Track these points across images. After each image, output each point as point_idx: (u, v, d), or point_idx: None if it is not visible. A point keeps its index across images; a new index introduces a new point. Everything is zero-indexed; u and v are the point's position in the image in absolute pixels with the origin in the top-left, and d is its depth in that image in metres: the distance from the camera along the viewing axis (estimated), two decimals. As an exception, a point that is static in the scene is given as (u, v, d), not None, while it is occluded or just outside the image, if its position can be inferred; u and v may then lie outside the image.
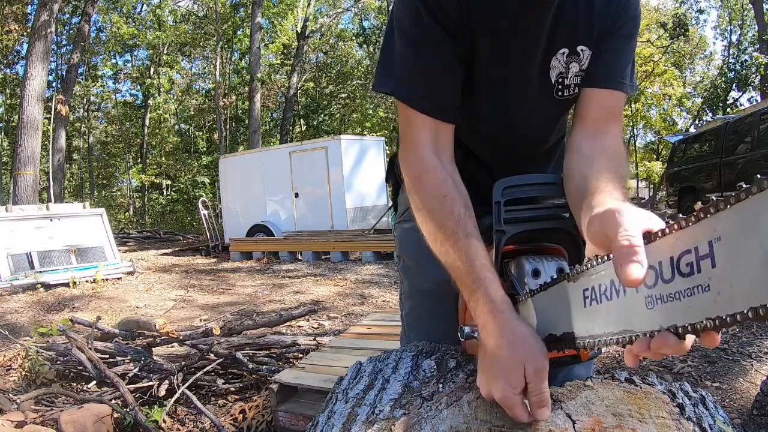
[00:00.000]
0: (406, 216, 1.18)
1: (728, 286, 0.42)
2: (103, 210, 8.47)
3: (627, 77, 0.94)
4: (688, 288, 0.46)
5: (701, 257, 0.45)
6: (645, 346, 0.51)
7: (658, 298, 0.50)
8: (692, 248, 0.46)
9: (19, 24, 16.46)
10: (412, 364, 0.91)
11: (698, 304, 0.45)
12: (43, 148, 14.81)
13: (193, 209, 19.30)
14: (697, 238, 0.46)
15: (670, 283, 0.48)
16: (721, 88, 18.21)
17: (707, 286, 0.44)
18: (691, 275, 0.46)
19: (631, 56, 0.95)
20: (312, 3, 20.13)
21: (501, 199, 0.81)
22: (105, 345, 2.85)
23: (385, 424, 0.71)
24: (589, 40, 0.93)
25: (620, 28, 0.92)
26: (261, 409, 2.28)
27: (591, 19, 0.91)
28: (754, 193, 0.40)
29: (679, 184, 8.67)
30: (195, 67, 27.00)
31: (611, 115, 0.94)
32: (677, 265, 0.48)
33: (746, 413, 1.97)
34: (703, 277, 0.45)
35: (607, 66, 0.93)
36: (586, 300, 0.60)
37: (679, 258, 0.47)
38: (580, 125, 0.94)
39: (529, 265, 0.77)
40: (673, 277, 0.48)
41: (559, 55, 0.93)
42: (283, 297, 5.60)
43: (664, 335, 0.49)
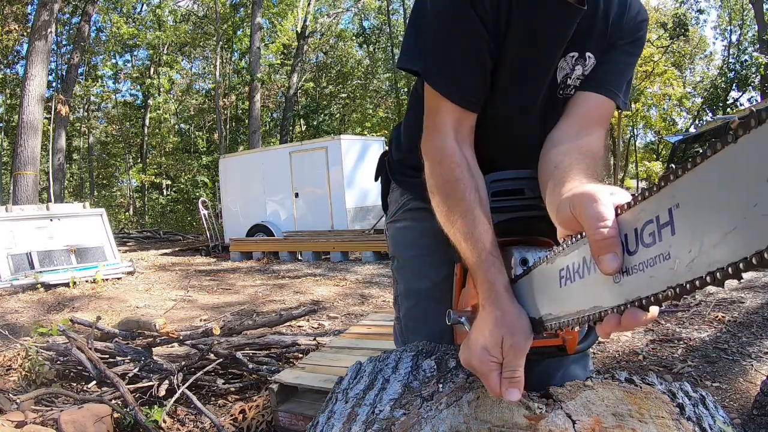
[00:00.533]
0: (398, 216, 1.18)
1: (687, 251, 0.42)
2: (103, 210, 8.47)
3: (622, 91, 0.96)
4: (650, 258, 0.46)
5: (662, 225, 0.45)
6: (615, 323, 0.51)
7: (624, 272, 0.49)
8: (654, 218, 0.46)
9: (19, 24, 16.47)
10: (412, 364, 0.91)
11: (660, 274, 0.45)
12: (43, 148, 14.81)
13: (193, 209, 19.30)
14: (658, 206, 0.45)
15: (634, 255, 0.48)
16: (721, 88, 18.22)
17: (668, 254, 0.44)
18: (653, 245, 0.46)
19: (629, 74, 0.97)
20: (312, 3, 20.13)
21: (488, 190, 0.86)
22: (105, 345, 2.85)
23: (385, 424, 0.71)
24: (597, 49, 0.95)
25: (626, 44, 0.95)
26: (261, 409, 2.28)
27: (605, 30, 0.94)
28: (709, 156, 0.40)
29: (679, 184, 8.67)
30: (195, 67, 27.03)
31: (598, 120, 0.95)
32: (641, 235, 0.48)
33: (746, 413, 1.97)
34: (665, 246, 0.44)
35: (606, 75, 0.95)
36: (561, 280, 0.60)
37: (642, 228, 0.47)
38: (564, 122, 0.95)
39: (517, 254, 0.78)
40: (637, 248, 0.48)
41: (569, 57, 0.95)
42: (283, 297, 5.61)
43: (633, 311, 0.49)
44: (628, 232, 0.49)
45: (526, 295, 0.71)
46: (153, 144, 24.68)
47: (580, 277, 0.56)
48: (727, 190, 0.38)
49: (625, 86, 0.97)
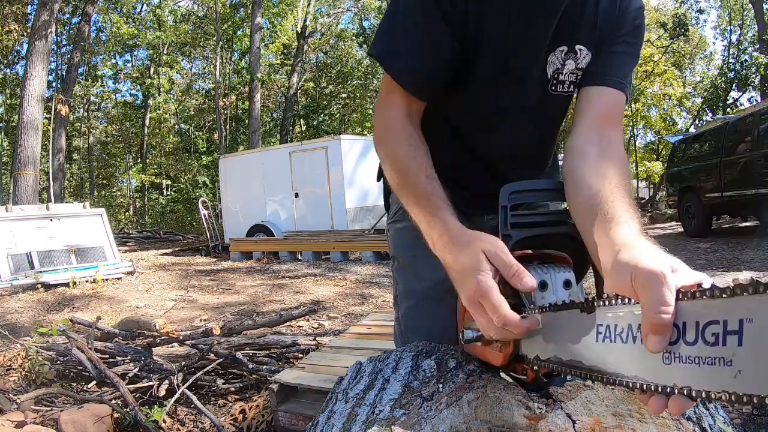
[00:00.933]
0: (398, 216, 1.19)
1: (752, 367, 0.42)
2: (103, 210, 8.47)
3: (628, 83, 0.95)
4: (709, 357, 0.46)
5: (729, 332, 0.45)
6: (662, 404, 0.51)
7: (676, 357, 0.50)
8: (721, 320, 0.46)
9: (19, 24, 16.46)
10: (412, 364, 0.91)
11: (718, 376, 0.45)
12: (43, 148, 14.81)
13: (193, 209, 19.30)
14: (728, 312, 0.45)
15: (691, 347, 0.48)
16: (721, 88, 18.20)
17: (730, 361, 0.44)
18: (715, 346, 0.46)
19: (631, 65, 0.96)
20: (312, 3, 20.13)
21: (507, 204, 0.82)
22: (105, 345, 2.85)
23: (385, 424, 0.71)
24: (588, 41, 0.94)
25: (623, 34, 0.93)
26: (261, 409, 2.28)
27: (594, 21, 0.92)
28: None
29: (679, 184, 8.66)
30: (195, 67, 27.03)
31: (613, 117, 0.94)
32: (702, 331, 0.47)
33: (746, 413, 1.97)
34: (728, 351, 0.45)
35: (609, 67, 0.94)
36: (599, 335, 0.60)
37: (706, 326, 0.47)
38: (582, 125, 0.93)
39: (536, 276, 0.76)
40: (696, 341, 0.48)
41: (558, 51, 0.94)
42: (283, 297, 5.61)
43: (682, 399, 0.49)
44: (688, 321, 0.49)
45: (550, 330, 0.69)
46: (153, 144, 24.68)
47: (623, 341, 0.56)
48: None
49: (629, 77, 0.96)
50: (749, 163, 6.76)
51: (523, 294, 0.78)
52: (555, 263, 0.80)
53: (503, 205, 0.82)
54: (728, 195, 7.13)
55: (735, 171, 7.04)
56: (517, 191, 0.84)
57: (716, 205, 7.56)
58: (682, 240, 7.98)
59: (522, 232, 0.80)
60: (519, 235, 0.80)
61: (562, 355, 0.66)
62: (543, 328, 0.71)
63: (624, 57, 0.94)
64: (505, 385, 0.78)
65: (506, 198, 0.83)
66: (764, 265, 5.02)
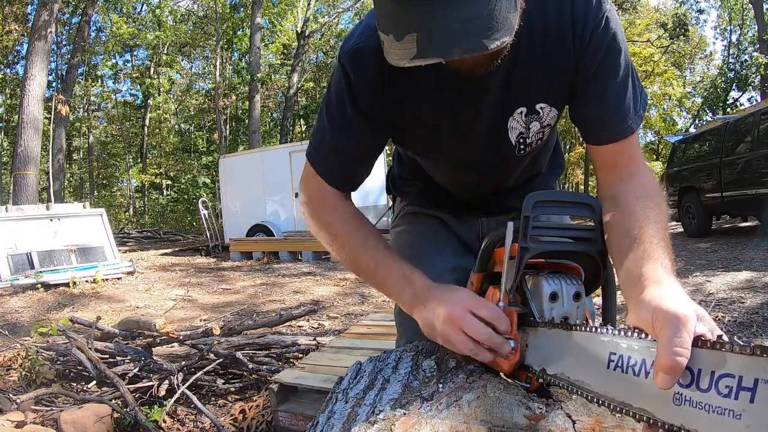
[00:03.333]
0: (396, 221, 1.26)
1: (762, 426, 0.43)
2: (103, 210, 8.47)
3: (630, 114, 0.89)
4: (719, 407, 0.47)
5: (743, 388, 0.46)
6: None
7: (687, 400, 0.50)
8: (737, 375, 0.47)
9: (19, 24, 16.46)
10: (412, 364, 0.91)
11: (726, 426, 0.46)
12: (43, 148, 14.81)
13: (193, 209, 19.29)
14: (745, 369, 0.46)
15: (704, 393, 0.49)
16: (721, 88, 18.21)
17: (740, 415, 0.45)
18: (728, 398, 0.47)
19: (624, 88, 0.88)
20: (312, 3, 20.13)
21: (530, 214, 0.78)
22: (105, 345, 2.85)
23: (385, 424, 0.71)
24: (549, 96, 0.91)
25: (595, 69, 0.86)
26: (261, 409, 2.28)
27: (549, 74, 0.88)
28: None
29: (679, 184, 8.66)
30: (195, 67, 27.02)
31: (631, 157, 0.91)
32: (716, 382, 0.48)
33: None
34: (738, 406, 0.45)
35: (604, 118, 0.89)
36: (610, 363, 0.60)
37: (720, 377, 0.48)
38: (603, 175, 0.92)
39: (547, 287, 0.75)
40: (709, 390, 0.49)
41: (517, 114, 0.92)
42: (283, 297, 5.61)
43: None
44: (704, 369, 0.50)
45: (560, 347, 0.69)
46: (153, 144, 24.67)
47: (635, 374, 0.56)
48: None
49: (629, 101, 0.89)
50: (749, 163, 6.75)
51: (533, 304, 0.78)
52: (566, 274, 0.79)
53: (526, 215, 0.78)
54: (728, 195, 7.13)
55: (735, 171, 7.04)
56: (541, 201, 0.80)
57: (716, 205, 7.56)
58: (682, 240, 7.98)
59: (541, 245, 0.78)
60: (537, 248, 0.77)
61: (569, 374, 0.66)
62: (548, 345, 0.71)
63: (612, 92, 0.88)
64: (505, 385, 0.78)
65: (530, 208, 0.79)
66: (764, 265, 5.02)
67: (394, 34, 0.66)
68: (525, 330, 0.77)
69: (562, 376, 0.67)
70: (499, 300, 0.81)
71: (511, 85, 0.89)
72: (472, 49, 0.63)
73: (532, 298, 0.78)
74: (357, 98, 0.90)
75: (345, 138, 0.95)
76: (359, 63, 0.88)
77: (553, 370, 0.69)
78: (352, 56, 0.89)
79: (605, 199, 0.89)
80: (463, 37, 0.63)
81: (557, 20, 0.84)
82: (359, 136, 0.95)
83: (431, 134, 0.97)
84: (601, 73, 0.87)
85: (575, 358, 0.66)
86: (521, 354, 0.77)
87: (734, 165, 7.09)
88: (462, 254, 1.15)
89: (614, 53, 0.86)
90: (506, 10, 0.65)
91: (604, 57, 0.85)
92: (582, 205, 0.85)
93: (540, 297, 0.76)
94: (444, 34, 0.63)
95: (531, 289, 0.79)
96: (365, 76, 0.88)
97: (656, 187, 0.89)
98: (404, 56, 0.66)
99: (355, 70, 0.89)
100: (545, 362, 0.72)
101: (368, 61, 0.86)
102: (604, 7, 0.84)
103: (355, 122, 0.92)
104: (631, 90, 0.89)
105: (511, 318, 0.79)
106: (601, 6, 0.84)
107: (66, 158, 18.52)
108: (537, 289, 0.78)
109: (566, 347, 0.68)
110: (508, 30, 0.65)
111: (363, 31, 0.89)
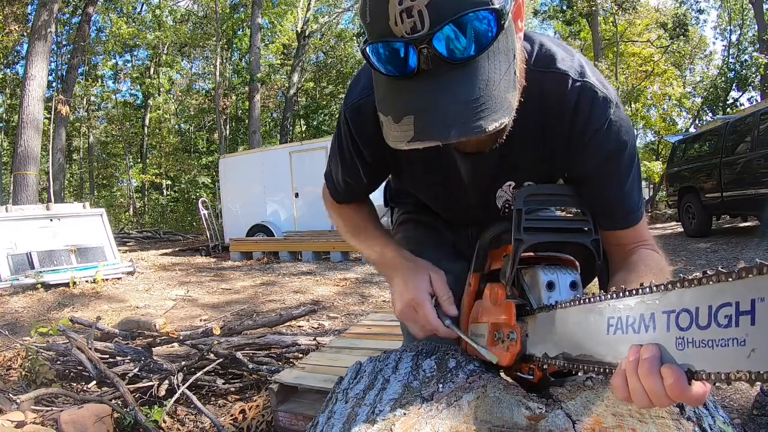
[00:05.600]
0: (394, 230, 1.33)
1: (766, 345, 0.43)
2: (103, 210, 8.46)
3: (634, 207, 0.89)
4: (722, 339, 0.47)
5: (741, 313, 0.46)
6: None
7: (690, 342, 0.51)
8: (733, 302, 0.47)
9: (19, 24, 16.45)
10: (412, 364, 0.91)
11: (731, 356, 0.46)
12: (43, 148, 14.81)
13: (193, 209, 19.29)
14: (740, 293, 0.46)
15: (705, 330, 0.49)
16: (721, 88, 18.20)
17: (744, 341, 0.45)
18: (728, 327, 0.47)
19: (630, 185, 0.88)
20: (312, 3, 20.12)
21: (523, 207, 0.81)
22: (105, 345, 2.85)
23: (385, 424, 0.71)
24: (539, 173, 0.93)
25: (596, 168, 0.86)
26: (261, 409, 2.28)
27: (543, 151, 0.88)
28: None
29: (679, 184, 8.66)
30: (195, 67, 27.01)
31: (638, 238, 0.92)
32: (715, 314, 0.48)
33: (746, 413, 1.96)
34: (740, 332, 0.46)
35: (607, 209, 0.88)
36: (610, 328, 0.60)
37: (718, 308, 0.48)
38: (609, 249, 0.93)
39: (544, 276, 0.77)
40: (709, 325, 0.49)
41: (506, 187, 0.95)
42: (283, 297, 5.60)
43: (700, 384, 0.51)
44: (701, 306, 0.50)
45: (559, 327, 0.70)
46: (153, 144, 24.67)
47: (634, 332, 0.57)
48: None
49: (636, 193, 0.89)
50: (749, 163, 6.75)
51: (531, 296, 0.79)
52: (562, 265, 0.81)
53: (518, 208, 0.81)
54: (728, 195, 7.12)
55: (735, 171, 7.04)
56: (533, 195, 0.83)
57: (716, 205, 7.56)
58: (682, 240, 7.98)
59: (534, 237, 0.80)
60: (531, 240, 0.79)
61: (571, 351, 0.67)
62: (548, 328, 0.72)
63: (615, 183, 0.87)
64: (505, 385, 0.78)
65: (522, 202, 0.82)
66: (764, 265, 5.01)
67: (393, 116, 0.67)
68: (524, 320, 0.78)
69: (564, 356, 0.68)
70: (498, 296, 0.83)
71: (503, 161, 0.90)
72: (470, 131, 0.63)
73: (530, 290, 0.80)
74: (359, 147, 0.97)
75: (349, 174, 1.06)
76: (360, 118, 0.93)
77: (555, 353, 0.70)
78: (354, 112, 0.94)
79: (612, 272, 0.92)
80: (460, 120, 0.63)
81: (558, 101, 0.82)
82: (362, 176, 1.04)
83: (424, 188, 1.10)
84: (605, 172, 0.86)
85: (575, 334, 0.66)
86: (522, 344, 0.77)
87: (734, 165, 7.09)
88: (455, 259, 1.19)
89: (617, 156, 0.85)
90: (505, 90, 0.65)
91: (607, 159, 0.85)
92: (573, 196, 0.87)
93: (537, 287, 0.78)
94: (441, 116, 0.63)
95: (528, 281, 0.81)
96: (366, 130, 0.93)
97: (662, 260, 0.89)
98: (402, 138, 0.66)
99: (356, 125, 0.94)
100: (546, 348, 0.72)
101: (368, 117, 0.89)
102: (609, 111, 0.81)
103: (358, 164, 1.01)
104: (636, 183, 0.89)
105: (509, 310, 0.80)
106: (606, 109, 0.81)
107: (66, 158, 18.52)
108: (534, 280, 0.79)
109: (565, 327, 0.68)
110: (507, 110, 0.65)
111: (364, 87, 0.91)
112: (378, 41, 0.65)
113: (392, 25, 0.63)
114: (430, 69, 0.64)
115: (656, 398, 0.53)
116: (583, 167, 0.87)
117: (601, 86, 0.81)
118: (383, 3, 0.62)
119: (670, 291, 0.53)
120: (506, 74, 0.65)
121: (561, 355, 0.68)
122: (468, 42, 0.62)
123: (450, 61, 0.63)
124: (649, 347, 0.53)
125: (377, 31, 0.65)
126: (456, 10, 0.61)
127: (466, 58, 0.63)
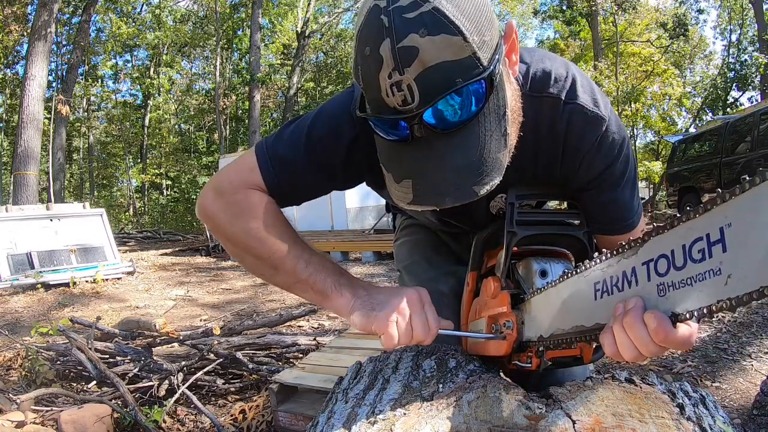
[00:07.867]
0: (398, 234, 1.33)
1: (739, 268, 0.44)
2: (103, 210, 8.46)
3: (631, 213, 0.91)
4: (699, 273, 0.48)
5: (713, 243, 0.47)
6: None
7: (670, 285, 0.52)
8: (704, 235, 0.48)
9: (19, 24, 16.44)
10: (412, 364, 0.90)
11: (710, 288, 0.47)
12: (43, 148, 14.81)
13: (193, 209, 19.25)
14: (708, 225, 0.48)
15: (682, 270, 0.50)
16: (721, 88, 18.21)
17: (719, 270, 0.46)
18: (703, 261, 0.48)
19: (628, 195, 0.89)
20: (312, 3, 20.12)
21: (515, 201, 0.84)
22: (105, 345, 2.85)
23: (385, 424, 0.71)
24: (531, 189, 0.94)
25: (591, 182, 0.87)
26: (261, 409, 2.28)
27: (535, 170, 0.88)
28: (757, 184, 0.43)
29: (679, 184, 8.66)
30: (195, 67, 27.02)
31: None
32: (689, 252, 0.49)
33: (746, 413, 1.97)
34: (715, 262, 0.47)
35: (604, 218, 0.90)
36: (597, 293, 0.61)
37: (692, 245, 0.49)
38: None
39: (537, 266, 0.79)
40: (685, 263, 0.50)
41: (498, 198, 0.96)
42: (283, 297, 5.60)
43: (686, 325, 0.53)
44: (675, 248, 0.51)
45: (552, 307, 0.71)
46: (153, 144, 24.66)
47: (619, 290, 0.58)
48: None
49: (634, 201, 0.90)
50: (749, 163, 6.76)
51: (525, 287, 0.81)
52: (555, 257, 0.83)
53: (511, 202, 0.84)
54: (728, 195, 7.13)
55: (735, 171, 7.04)
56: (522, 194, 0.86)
57: (716, 205, 7.56)
58: (682, 240, 7.98)
59: (527, 230, 0.82)
60: (524, 232, 0.82)
61: (564, 326, 0.68)
62: (541, 310, 0.73)
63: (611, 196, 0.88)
64: (505, 385, 0.78)
65: (514, 196, 0.84)
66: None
67: (393, 176, 0.71)
68: (519, 309, 0.81)
69: (557, 332, 0.69)
70: (493, 289, 0.85)
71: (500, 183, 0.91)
72: (464, 197, 0.67)
73: (524, 281, 0.82)
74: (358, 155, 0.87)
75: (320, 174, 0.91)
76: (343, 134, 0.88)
77: (549, 332, 0.71)
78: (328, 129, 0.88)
79: None
80: (454, 187, 0.67)
81: (551, 123, 0.82)
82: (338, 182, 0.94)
83: None
84: (600, 184, 0.87)
85: (566, 309, 0.68)
86: (518, 332, 0.79)
87: (734, 165, 7.09)
88: (455, 262, 1.22)
89: (611, 167, 0.85)
90: (496, 150, 0.67)
91: (601, 173, 0.85)
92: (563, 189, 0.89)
93: (530, 277, 0.80)
94: (437, 183, 0.67)
95: (522, 272, 0.83)
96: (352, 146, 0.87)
97: None
98: (403, 198, 0.70)
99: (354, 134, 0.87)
100: (541, 329, 0.74)
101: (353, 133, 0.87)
102: (600, 130, 0.81)
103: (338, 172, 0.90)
104: (633, 189, 0.90)
105: (504, 300, 0.81)
106: (597, 127, 0.81)
107: (66, 158, 18.52)
108: (527, 270, 0.81)
109: (556, 305, 0.70)
110: (498, 171, 0.68)
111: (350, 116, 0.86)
112: (372, 116, 0.69)
113: (384, 96, 0.65)
114: (424, 137, 0.67)
115: (643, 346, 0.55)
116: (578, 183, 0.88)
117: (591, 105, 0.80)
118: (374, 75, 0.64)
119: (647, 242, 0.55)
120: (497, 132, 0.67)
121: (555, 332, 0.70)
122: (459, 111, 0.65)
123: (442, 131, 0.66)
124: (632, 299, 0.55)
125: (372, 101, 0.68)
126: (446, 84, 0.62)
127: (457, 125, 0.66)
